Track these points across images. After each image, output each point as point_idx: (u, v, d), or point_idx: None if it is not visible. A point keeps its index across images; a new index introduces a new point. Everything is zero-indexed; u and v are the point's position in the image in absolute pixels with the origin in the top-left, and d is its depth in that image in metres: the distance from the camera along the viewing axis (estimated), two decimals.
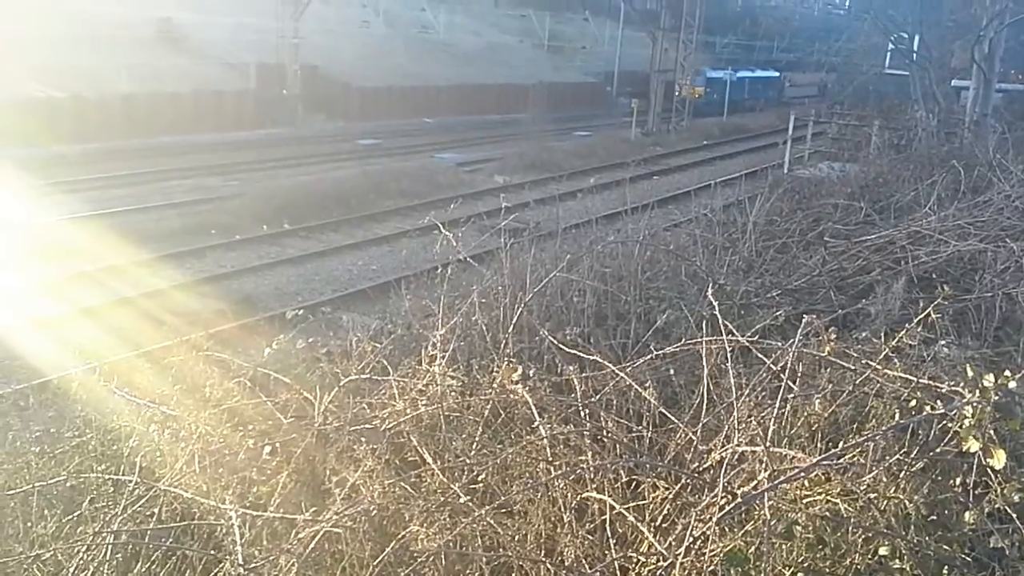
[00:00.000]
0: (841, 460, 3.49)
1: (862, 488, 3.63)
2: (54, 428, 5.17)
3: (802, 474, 3.24)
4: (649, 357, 4.69)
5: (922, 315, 4.22)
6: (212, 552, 3.71)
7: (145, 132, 31.12)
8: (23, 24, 31.73)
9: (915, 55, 23.79)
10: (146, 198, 22.39)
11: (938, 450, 3.97)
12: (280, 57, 38.92)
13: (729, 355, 4.16)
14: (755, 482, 3.37)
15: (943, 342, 5.89)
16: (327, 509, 3.54)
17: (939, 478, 3.97)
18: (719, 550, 3.25)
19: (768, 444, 3.38)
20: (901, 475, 3.81)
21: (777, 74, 60.94)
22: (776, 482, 3.13)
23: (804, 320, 4.09)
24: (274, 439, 4.41)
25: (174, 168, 26.91)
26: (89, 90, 30.96)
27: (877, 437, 3.55)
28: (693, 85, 46.90)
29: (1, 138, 24.93)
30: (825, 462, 3.29)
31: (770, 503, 3.24)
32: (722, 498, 3.12)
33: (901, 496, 3.73)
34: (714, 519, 3.00)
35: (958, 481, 3.83)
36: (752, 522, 3.46)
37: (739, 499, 3.06)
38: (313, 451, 4.37)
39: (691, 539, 3.09)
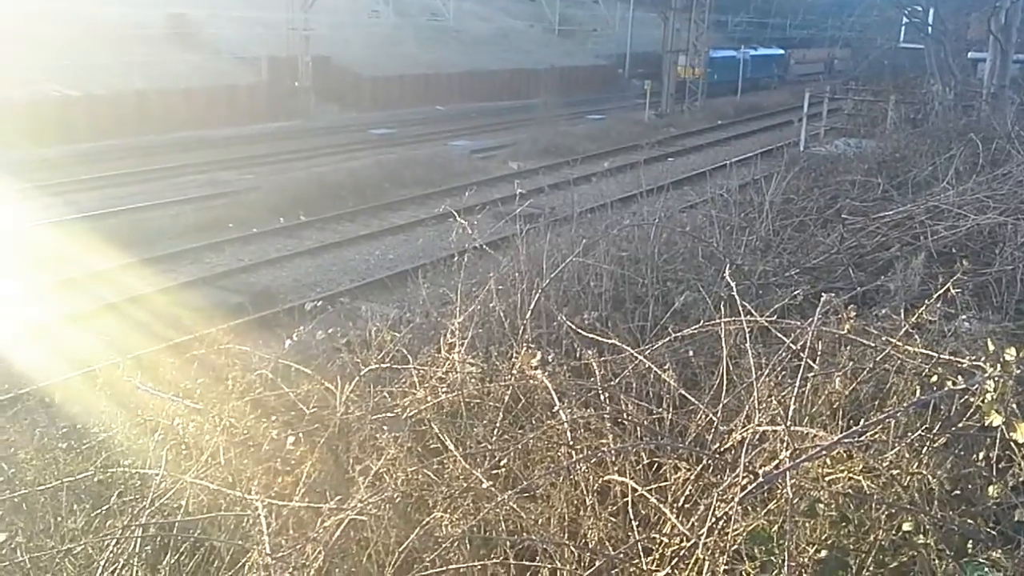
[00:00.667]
0: (863, 437, 3.48)
1: (884, 465, 3.63)
2: (80, 424, 5.23)
3: (824, 452, 3.24)
4: (668, 339, 4.68)
5: (941, 290, 4.19)
6: (239, 542, 3.75)
7: (159, 128, 31.29)
8: (37, 25, 31.92)
9: (930, 28, 23.54)
10: (161, 194, 22.54)
11: (960, 425, 3.95)
12: (291, 49, 38.96)
13: (748, 335, 4.16)
14: (776, 461, 3.37)
15: (964, 316, 5.86)
16: (351, 497, 3.57)
17: (962, 453, 3.96)
18: (742, 529, 3.25)
19: (789, 423, 3.38)
20: (923, 451, 3.80)
21: (782, 52, 59.44)
22: (798, 461, 3.13)
23: (823, 299, 4.07)
24: (297, 429, 4.45)
25: (188, 163, 27.06)
26: (102, 88, 31.14)
27: (898, 414, 3.54)
28: (692, 66, 46.53)
29: (17, 137, 25.12)
30: (847, 440, 3.28)
31: (792, 482, 3.24)
32: (744, 478, 3.12)
33: (924, 472, 3.72)
34: (736, 499, 3.01)
35: (981, 456, 3.82)
36: (775, 501, 3.46)
37: (760, 478, 3.06)
38: (336, 440, 4.41)
39: (713, 519, 3.09)
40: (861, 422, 3.78)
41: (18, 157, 24.44)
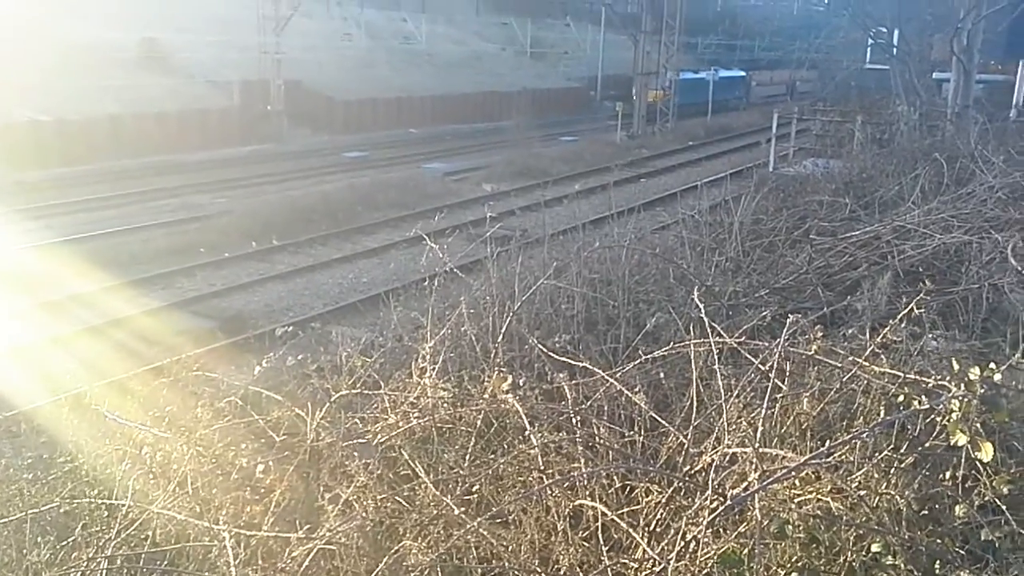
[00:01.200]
0: (830, 458, 3.51)
1: (853, 485, 3.65)
2: (47, 454, 5.16)
3: (792, 473, 3.26)
4: (638, 362, 4.70)
5: (905, 310, 4.25)
6: (207, 574, 3.70)
7: (131, 153, 31.09)
8: (6, 49, 31.66)
9: (895, 49, 23.94)
10: (133, 218, 22.35)
11: (927, 445, 3.99)
12: (263, 73, 38.91)
13: (718, 356, 4.18)
14: (746, 483, 3.39)
15: (931, 335, 5.92)
16: (321, 526, 3.54)
17: (929, 473, 3.99)
18: (712, 553, 3.26)
19: (757, 445, 3.40)
20: (891, 471, 3.83)
21: (743, 74, 58.87)
22: (766, 482, 3.14)
23: (791, 319, 4.11)
24: (267, 457, 4.42)
25: (161, 188, 26.88)
26: (74, 112, 30.92)
27: (864, 434, 3.57)
28: (660, 88, 46.53)
29: None
30: (814, 461, 3.31)
31: (762, 503, 3.26)
32: (712, 500, 3.14)
33: (892, 492, 3.75)
34: (704, 522, 3.02)
35: (948, 475, 3.85)
36: (745, 523, 3.47)
37: (729, 501, 3.08)
38: (306, 468, 4.38)
39: (683, 543, 3.10)
40: (828, 443, 3.81)
41: None
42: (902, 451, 3.92)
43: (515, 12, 58.33)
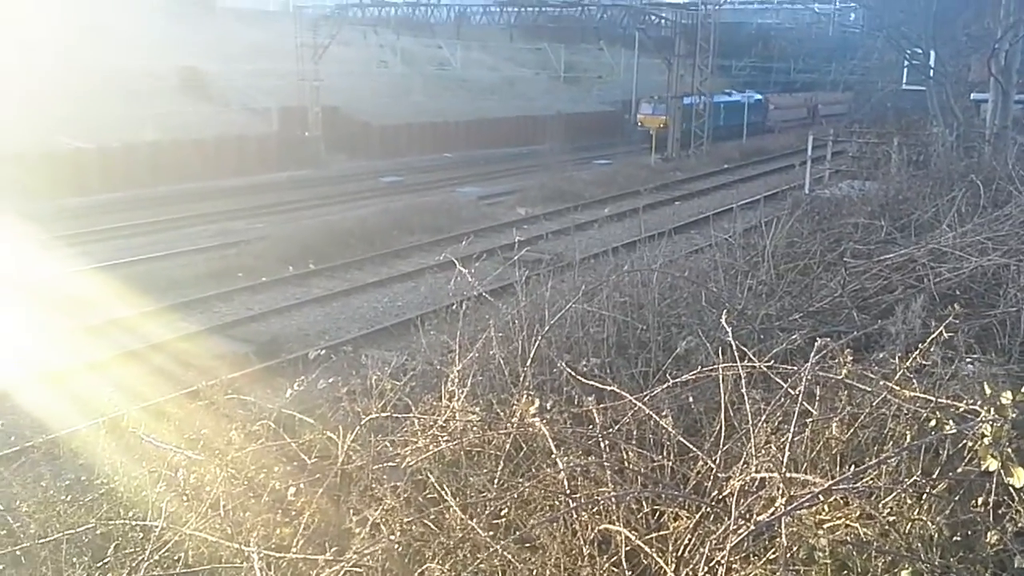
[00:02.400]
0: (859, 483, 3.48)
1: (883, 511, 3.61)
2: (84, 476, 5.25)
3: (818, 498, 3.24)
4: (667, 385, 4.69)
5: (935, 334, 4.20)
6: None
7: (170, 179, 31.68)
8: (50, 78, 32.47)
9: (931, 70, 23.71)
10: (173, 244, 22.74)
11: (959, 470, 3.94)
12: (301, 100, 39.54)
13: (747, 380, 4.17)
14: (773, 508, 3.37)
15: (968, 359, 5.84)
16: (349, 548, 3.58)
17: (961, 499, 3.94)
18: None
19: (784, 470, 3.38)
20: (922, 497, 3.78)
21: (760, 97, 56.37)
22: (791, 508, 3.13)
23: (819, 343, 4.09)
24: (298, 480, 4.46)
25: (199, 214, 27.34)
26: (115, 140, 31.60)
27: (893, 459, 3.54)
28: (655, 115, 44.83)
29: (30, 191, 25.46)
30: (842, 485, 3.28)
31: (790, 529, 3.24)
32: (738, 526, 3.12)
33: (923, 518, 3.70)
34: (728, 547, 3.01)
35: (980, 501, 3.80)
36: (773, 550, 3.45)
37: (753, 526, 3.06)
38: (336, 490, 4.42)
39: (710, 569, 3.09)
40: (865, 468, 3.77)
41: (33, 209, 24.73)
42: (933, 477, 3.87)
43: (549, 38, 58.65)
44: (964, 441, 3.86)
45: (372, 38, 50.92)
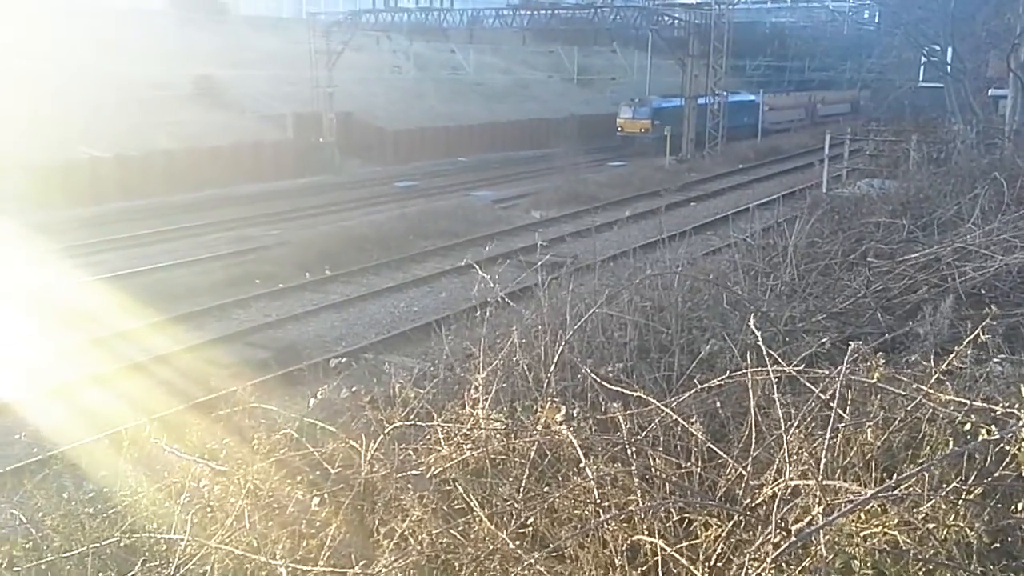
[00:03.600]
0: (897, 491, 3.40)
1: (920, 518, 3.53)
2: (107, 487, 5.22)
3: (858, 507, 3.16)
4: (694, 391, 4.62)
5: (971, 336, 4.12)
6: None
7: (186, 187, 31.81)
8: (67, 90, 32.69)
9: (949, 67, 23.54)
10: (190, 252, 22.80)
11: (996, 475, 3.85)
12: (316, 106, 39.65)
13: (776, 385, 4.09)
14: (809, 517, 3.29)
15: (996, 360, 5.75)
16: (376, 561, 3.52)
17: (1000, 504, 3.85)
18: None
19: (821, 477, 3.31)
20: (959, 502, 3.70)
21: (752, 98, 52.36)
22: (832, 517, 3.05)
23: (852, 346, 4.01)
24: (322, 490, 4.42)
25: (216, 221, 27.42)
26: (131, 149, 31.75)
27: (932, 466, 3.45)
28: (636, 118, 44.02)
29: (48, 200, 25.63)
30: (883, 494, 3.20)
31: (826, 538, 3.16)
32: (777, 535, 3.05)
33: (961, 524, 3.61)
34: (769, 558, 2.94)
35: (1020, 507, 3.71)
36: (809, 558, 3.37)
37: (794, 537, 2.99)
38: (361, 500, 4.37)
39: None
40: (895, 473, 3.69)
41: (51, 218, 24.92)
42: (970, 482, 3.78)
43: (562, 40, 58.56)
44: (1001, 445, 3.77)
45: (385, 43, 51.01)
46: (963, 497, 3.70)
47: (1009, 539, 3.68)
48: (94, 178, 29.75)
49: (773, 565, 3.07)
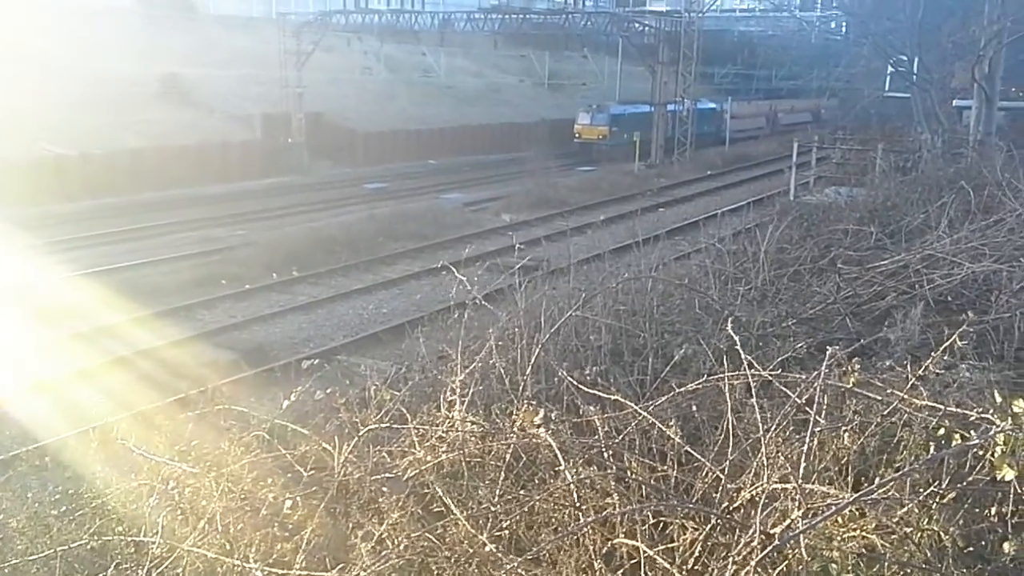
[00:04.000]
0: (876, 495, 3.42)
1: (895, 522, 3.56)
2: (73, 489, 5.11)
3: (839, 511, 3.17)
4: (671, 395, 4.63)
5: (947, 342, 4.16)
6: None
7: (153, 186, 31.40)
8: (33, 87, 32.16)
9: (915, 77, 23.87)
10: (155, 251, 22.50)
11: (970, 479, 3.89)
12: (285, 106, 39.35)
13: (753, 390, 4.11)
14: (788, 521, 3.30)
15: (964, 366, 5.82)
16: (353, 564, 3.48)
17: (973, 508, 3.89)
18: None
19: (800, 481, 3.32)
20: (933, 506, 3.73)
21: (714, 106, 50.70)
22: (814, 521, 3.06)
23: (828, 352, 4.03)
24: (295, 492, 4.37)
25: (183, 220, 27.09)
26: (97, 147, 31.29)
27: (915, 471, 3.48)
28: (594, 124, 43.11)
29: (13, 197, 25.18)
30: (865, 498, 3.22)
31: (805, 542, 3.17)
32: (758, 539, 3.05)
33: (935, 528, 3.65)
34: (753, 562, 2.94)
35: (993, 511, 3.75)
36: (786, 562, 3.38)
37: (777, 540, 2.99)
38: (335, 503, 4.32)
39: None
40: (869, 476, 3.72)
41: (15, 215, 24.46)
42: (943, 486, 3.82)
43: (533, 45, 58.68)
44: (974, 450, 3.81)
45: (356, 45, 50.83)
46: (935, 500, 3.74)
47: (982, 542, 3.72)
48: (59, 176, 29.26)
49: (754, 568, 3.07)
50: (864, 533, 3.43)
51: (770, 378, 4.38)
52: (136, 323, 15.61)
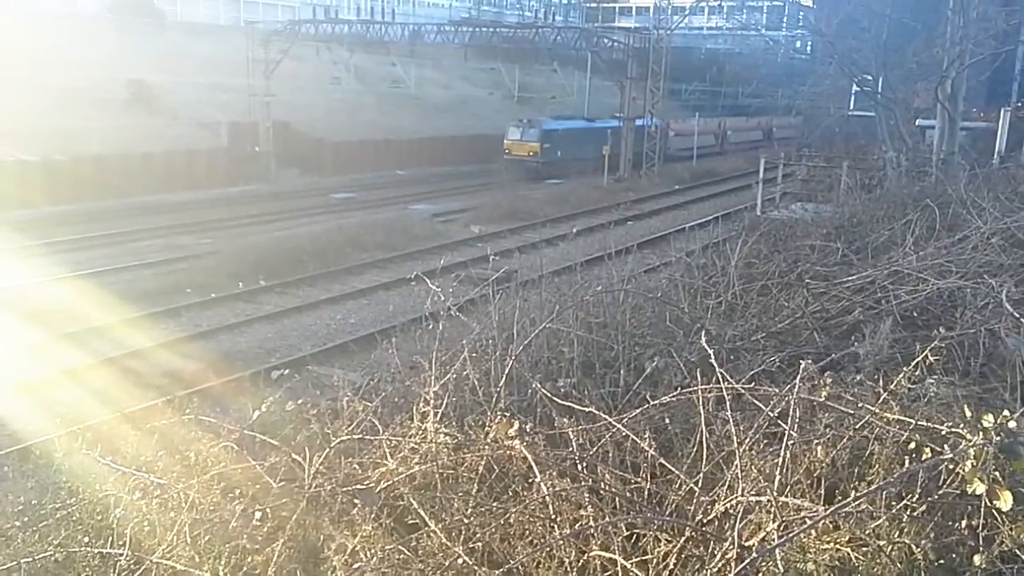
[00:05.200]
0: (850, 507, 3.44)
1: (868, 534, 3.58)
2: (35, 499, 5.00)
3: (814, 524, 3.19)
4: (644, 408, 4.63)
5: (919, 357, 4.20)
6: None
7: (117, 193, 31.00)
8: None
9: (880, 96, 24.26)
10: (119, 258, 22.21)
11: (940, 492, 3.93)
12: (252, 115, 39.08)
13: (728, 402, 4.12)
14: (763, 534, 3.31)
15: (930, 381, 5.88)
16: None
17: (943, 520, 3.93)
18: None
19: (776, 494, 3.33)
20: (904, 519, 3.76)
21: (659, 122, 45.48)
22: (791, 535, 3.07)
23: (803, 365, 4.06)
24: (264, 504, 4.30)
25: (147, 228, 26.78)
26: (60, 153, 30.84)
27: (892, 486, 3.50)
28: (524, 140, 41.48)
29: None
30: (844, 511, 3.23)
31: (780, 554, 3.18)
32: (736, 552, 3.05)
33: (907, 540, 3.67)
34: (732, 574, 2.94)
35: (963, 524, 3.78)
36: (759, 573, 3.38)
37: (755, 553, 3.00)
38: (305, 515, 4.26)
39: None
40: (844, 490, 3.74)
41: None
42: (914, 499, 3.85)
43: (503, 58, 58.93)
44: (944, 464, 3.85)
45: (325, 54, 50.72)
46: (906, 513, 3.77)
47: (953, 555, 3.75)
48: (20, 182, 28.78)
49: None
50: (838, 546, 3.44)
51: (743, 391, 4.39)
52: (98, 331, 15.38)
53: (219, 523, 4.07)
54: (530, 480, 4.18)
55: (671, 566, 3.67)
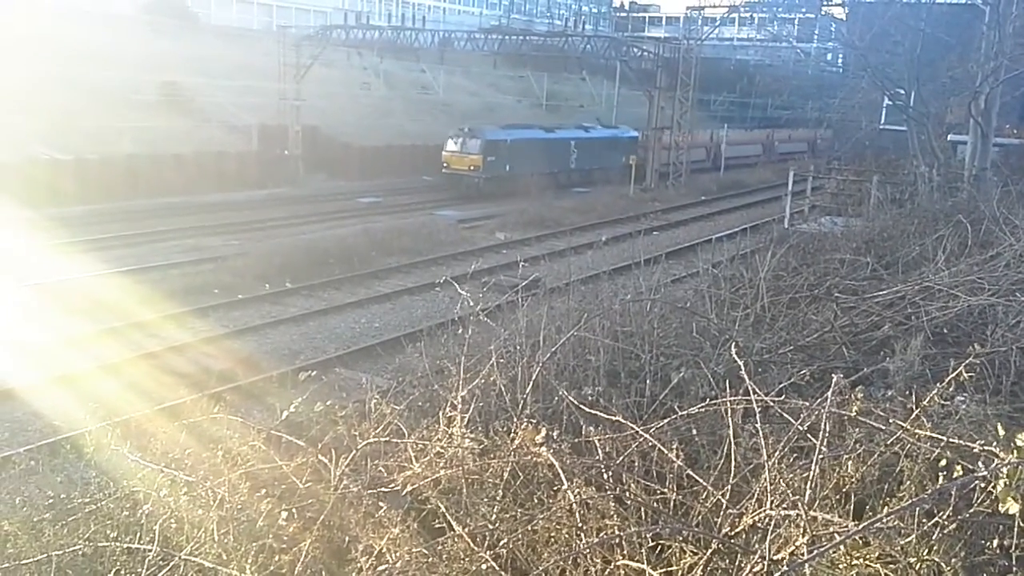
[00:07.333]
0: (881, 523, 3.40)
1: (898, 551, 3.54)
2: (64, 494, 5.05)
3: (845, 540, 3.16)
4: (672, 418, 4.61)
5: (953, 374, 4.16)
6: None
7: (147, 193, 31.31)
8: (30, 90, 32.09)
9: (912, 110, 24.06)
10: (147, 258, 22.41)
11: (971, 511, 3.88)
12: (282, 119, 39.37)
13: (757, 415, 4.10)
14: (792, 548, 3.28)
15: (960, 398, 5.82)
16: None
17: (973, 539, 3.88)
18: None
19: (807, 508, 3.30)
20: (934, 536, 3.72)
21: (635, 133, 44.87)
22: (821, 549, 3.05)
23: (834, 379, 4.03)
24: (291, 504, 4.33)
25: (176, 228, 27.01)
26: (92, 152, 31.19)
27: (925, 503, 3.47)
28: (464, 153, 36.98)
29: (7, 199, 25.03)
30: (876, 526, 3.20)
31: (809, 569, 3.16)
32: (765, 566, 3.03)
33: (936, 559, 3.63)
34: None
35: (995, 543, 3.74)
36: None
37: (785, 567, 2.98)
38: (332, 516, 4.28)
39: None
40: (876, 507, 3.71)
41: (6, 219, 24.32)
42: (945, 517, 3.81)
43: (532, 66, 58.96)
44: (977, 482, 3.81)
45: (355, 60, 51.00)
46: (936, 532, 3.72)
47: (983, 575, 3.71)
48: (53, 180, 29.14)
49: None
50: (867, 562, 3.41)
51: (772, 404, 4.37)
52: (124, 330, 15.54)
53: (247, 521, 4.10)
54: (555, 487, 4.17)
55: None
